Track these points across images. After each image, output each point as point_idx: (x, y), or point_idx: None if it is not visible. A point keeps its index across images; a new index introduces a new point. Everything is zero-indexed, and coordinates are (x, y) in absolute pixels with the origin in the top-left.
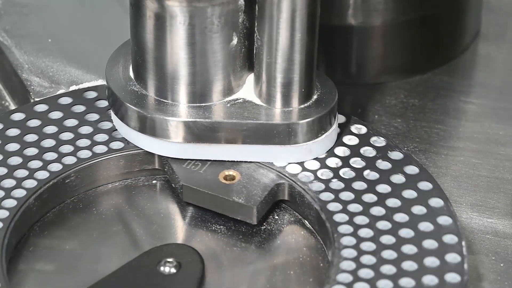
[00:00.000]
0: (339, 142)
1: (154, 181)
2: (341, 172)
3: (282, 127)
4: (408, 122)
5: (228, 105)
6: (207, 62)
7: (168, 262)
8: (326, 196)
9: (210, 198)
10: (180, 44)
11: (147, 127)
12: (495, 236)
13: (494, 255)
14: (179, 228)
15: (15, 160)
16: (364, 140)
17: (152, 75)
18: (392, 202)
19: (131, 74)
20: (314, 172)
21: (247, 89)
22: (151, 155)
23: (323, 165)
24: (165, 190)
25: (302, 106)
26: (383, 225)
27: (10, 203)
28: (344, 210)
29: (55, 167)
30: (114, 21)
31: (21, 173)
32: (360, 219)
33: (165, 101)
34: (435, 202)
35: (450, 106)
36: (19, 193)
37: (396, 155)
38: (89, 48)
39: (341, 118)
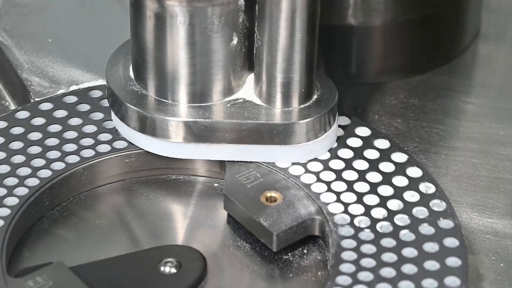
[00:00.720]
0: (387, 180)
1: (154, 181)
2: (378, 226)
3: (282, 127)
4: (408, 122)
5: (228, 105)
6: (207, 62)
7: (168, 262)
8: (348, 243)
9: (243, 214)
10: (180, 44)
11: (147, 127)
12: (495, 236)
13: (494, 255)
14: (179, 228)
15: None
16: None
17: (152, 75)
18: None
19: (131, 74)
20: (352, 216)
21: (247, 89)
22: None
23: (367, 212)
24: (166, 190)
25: (302, 106)
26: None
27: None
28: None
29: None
30: (114, 21)
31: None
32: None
33: (165, 101)
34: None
35: (450, 106)
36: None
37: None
38: (89, 48)
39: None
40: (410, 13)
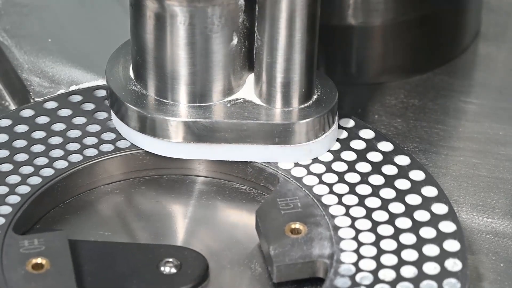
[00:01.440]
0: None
1: (154, 181)
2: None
3: (282, 127)
4: (408, 122)
5: (228, 105)
6: (207, 62)
7: (169, 262)
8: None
9: (261, 237)
10: (180, 44)
11: (147, 127)
12: (495, 236)
13: (494, 255)
14: (179, 228)
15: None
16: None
17: (152, 75)
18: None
19: (131, 74)
20: (356, 266)
21: (247, 89)
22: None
23: (378, 263)
24: (166, 190)
25: (302, 106)
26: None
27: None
28: None
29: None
30: (114, 21)
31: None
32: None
33: (165, 101)
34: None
35: (450, 106)
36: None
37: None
38: (89, 48)
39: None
40: (410, 13)
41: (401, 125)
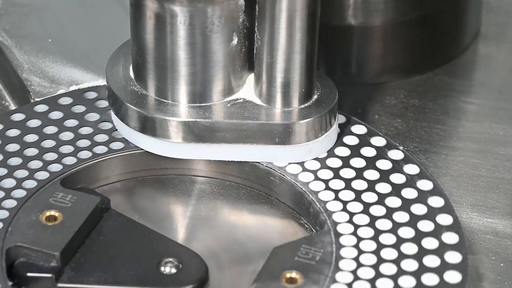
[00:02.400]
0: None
1: (154, 181)
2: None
3: (282, 127)
4: (408, 122)
5: (228, 105)
6: (207, 62)
7: (169, 262)
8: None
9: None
10: (180, 44)
11: (147, 127)
12: (495, 236)
13: (494, 255)
14: (179, 228)
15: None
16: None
17: (152, 75)
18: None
19: (131, 74)
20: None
21: (247, 89)
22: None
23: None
24: (166, 190)
25: (302, 106)
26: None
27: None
28: None
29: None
30: (114, 21)
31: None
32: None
33: (165, 101)
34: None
35: (450, 106)
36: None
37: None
38: (89, 48)
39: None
40: (410, 13)
41: (401, 125)
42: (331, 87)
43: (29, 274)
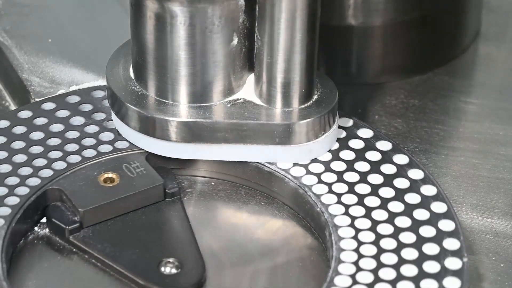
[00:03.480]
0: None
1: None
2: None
3: (283, 127)
4: (408, 122)
5: (229, 105)
6: (208, 62)
7: (169, 262)
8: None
9: None
10: (180, 44)
11: (147, 127)
12: (495, 236)
13: (495, 255)
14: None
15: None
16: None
17: (152, 75)
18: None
19: (132, 74)
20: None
21: (248, 89)
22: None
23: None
24: None
25: (303, 106)
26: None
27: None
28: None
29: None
30: (114, 21)
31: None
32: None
33: (166, 101)
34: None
35: (450, 106)
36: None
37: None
38: (89, 48)
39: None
40: (410, 13)
41: (401, 125)
42: (331, 87)
43: (53, 220)
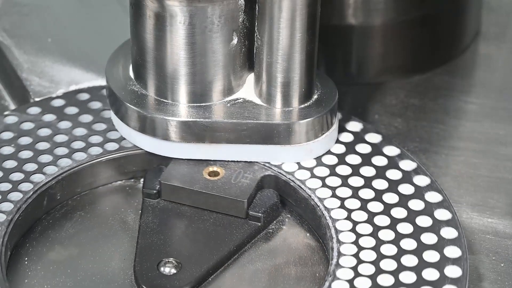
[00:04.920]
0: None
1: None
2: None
3: (282, 127)
4: (408, 122)
5: (228, 105)
6: (207, 62)
7: (168, 262)
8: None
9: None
10: (180, 44)
11: (147, 127)
12: (495, 236)
13: (495, 255)
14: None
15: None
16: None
17: (152, 74)
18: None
19: (131, 74)
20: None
21: (247, 89)
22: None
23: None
24: None
25: (302, 106)
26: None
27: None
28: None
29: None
30: (114, 21)
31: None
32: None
33: (165, 101)
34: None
35: (450, 106)
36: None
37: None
38: (89, 48)
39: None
40: (410, 13)
41: (401, 125)
42: (331, 87)
43: (145, 178)
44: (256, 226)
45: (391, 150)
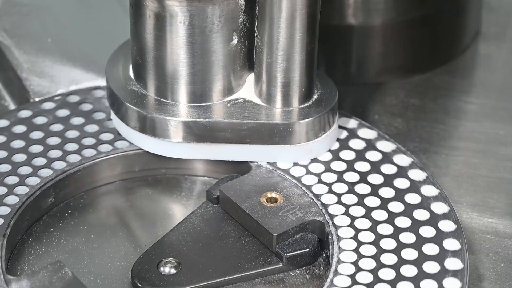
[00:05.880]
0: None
1: (154, 181)
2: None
3: (283, 127)
4: (408, 122)
5: (228, 105)
6: (207, 61)
7: (168, 262)
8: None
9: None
10: (180, 43)
11: (147, 127)
12: (495, 236)
13: (495, 255)
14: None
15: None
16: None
17: (152, 74)
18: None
19: (131, 74)
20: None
21: (247, 89)
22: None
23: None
24: (166, 190)
25: (302, 106)
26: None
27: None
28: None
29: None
30: (114, 21)
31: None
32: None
33: (165, 101)
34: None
35: (450, 106)
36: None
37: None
38: (89, 48)
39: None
40: (410, 13)
41: (401, 125)
42: (331, 87)
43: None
44: (278, 264)
45: (386, 146)
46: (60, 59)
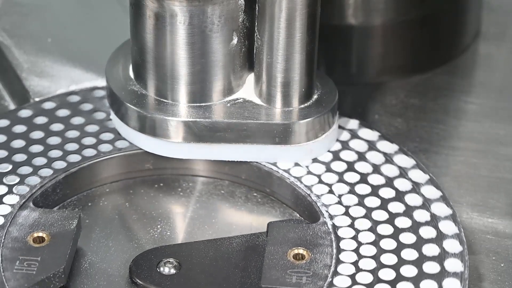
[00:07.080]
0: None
1: (154, 181)
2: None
3: (282, 127)
4: (408, 122)
5: (228, 105)
6: (207, 61)
7: (168, 262)
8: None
9: None
10: (180, 43)
11: (147, 127)
12: (495, 236)
13: (495, 255)
14: (179, 228)
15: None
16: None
17: (152, 74)
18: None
19: (131, 73)
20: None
21: (247, 89)
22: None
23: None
24: (166, 190)
25: (302, 106)
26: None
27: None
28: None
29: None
30: (114, 21)
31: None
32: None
33: (165, 101)
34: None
35: (450, 105)
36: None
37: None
38: (89, 48)
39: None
40: (410, 13)
41: (401, 125)
42: (331, 87)
43: None
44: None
45: (387, 146)
46: (60, 59)
